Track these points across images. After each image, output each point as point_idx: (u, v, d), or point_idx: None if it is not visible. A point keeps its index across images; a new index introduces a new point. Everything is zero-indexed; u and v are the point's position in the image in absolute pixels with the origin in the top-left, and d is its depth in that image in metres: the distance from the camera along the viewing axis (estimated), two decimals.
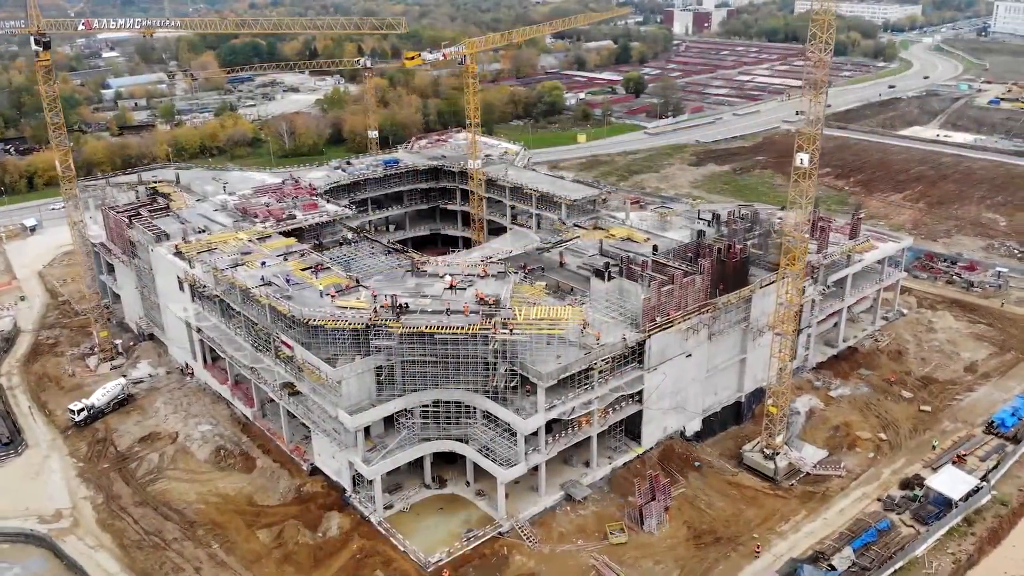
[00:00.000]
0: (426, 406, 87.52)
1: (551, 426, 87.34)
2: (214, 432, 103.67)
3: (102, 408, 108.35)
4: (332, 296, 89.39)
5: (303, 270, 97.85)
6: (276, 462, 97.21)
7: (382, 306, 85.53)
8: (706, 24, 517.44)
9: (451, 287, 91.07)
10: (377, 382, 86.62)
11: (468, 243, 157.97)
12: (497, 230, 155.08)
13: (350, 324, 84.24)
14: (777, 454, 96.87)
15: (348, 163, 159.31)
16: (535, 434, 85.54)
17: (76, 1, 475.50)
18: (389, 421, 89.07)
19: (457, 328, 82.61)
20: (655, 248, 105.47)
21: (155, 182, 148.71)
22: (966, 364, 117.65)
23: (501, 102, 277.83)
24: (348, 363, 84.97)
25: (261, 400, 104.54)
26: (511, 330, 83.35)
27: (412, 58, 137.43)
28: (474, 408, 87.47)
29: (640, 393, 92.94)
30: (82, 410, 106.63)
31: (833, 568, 79.45)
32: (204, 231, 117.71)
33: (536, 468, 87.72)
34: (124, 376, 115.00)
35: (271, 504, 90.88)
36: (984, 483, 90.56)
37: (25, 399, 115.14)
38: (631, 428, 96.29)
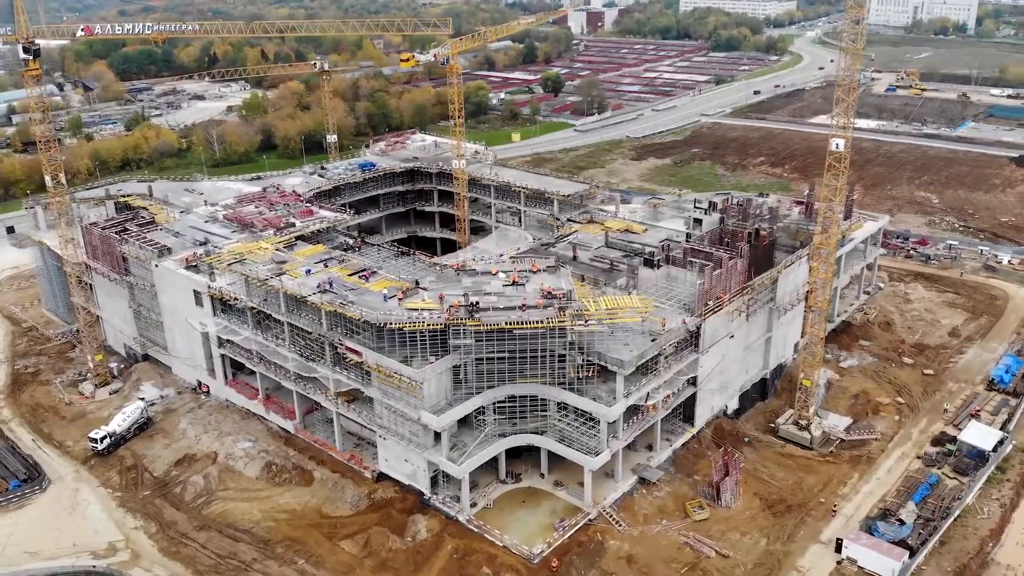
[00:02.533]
0: (501, 402, 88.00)
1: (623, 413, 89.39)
2: (257, 448, 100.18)
3: (123, 434, 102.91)
4: (399, 299, 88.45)
5: (351, 275, 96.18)
6: (335, 472, 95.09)
7: (453, 306, 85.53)
8: (600, 23, 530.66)
9: (513, 283, 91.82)
10: (454, 381, 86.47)
11: (447, 245, 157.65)
12: (475, 230, 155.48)
13: (428, 325, 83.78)
14: (810, 424, 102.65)
15: (323, 167, 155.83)
16: (613, 422, 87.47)
17: None
18: (461, 420, 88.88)
19: (536, 323, 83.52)
20: (688, 235, 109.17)
21: (123, 196, 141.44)
22: (949, 330, 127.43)
23: (429, 103, 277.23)
24: (426, 364, 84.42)
25: (303, 411, 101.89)
26: (586, 321, 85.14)
27: (407, 59, 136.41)
28: (548, 400, 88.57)
29: (695, 376, 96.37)
30: (104, 438, 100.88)
31: (903, 522, 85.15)
32: (206, 243, 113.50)
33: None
34: (142, 399, 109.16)
35: (345, 514, 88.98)
36: (1007, 434, 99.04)
37: (25, 432, 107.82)
38: (683, 410, 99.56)
